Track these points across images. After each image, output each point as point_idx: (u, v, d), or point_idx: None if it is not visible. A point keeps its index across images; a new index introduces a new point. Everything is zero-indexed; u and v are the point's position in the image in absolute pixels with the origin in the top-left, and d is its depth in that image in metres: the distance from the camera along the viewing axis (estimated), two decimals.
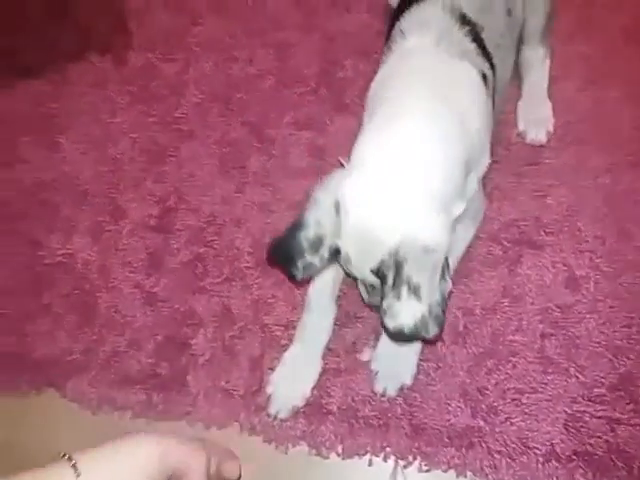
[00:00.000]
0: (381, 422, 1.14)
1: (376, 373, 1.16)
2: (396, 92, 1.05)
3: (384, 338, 1.15)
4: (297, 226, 0.98)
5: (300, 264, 0.98)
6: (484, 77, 1.11)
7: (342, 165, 1.04)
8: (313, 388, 1.17)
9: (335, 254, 0.99)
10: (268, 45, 1.55)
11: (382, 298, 0.95)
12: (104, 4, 1.66)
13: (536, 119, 1.36)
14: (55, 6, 1.67)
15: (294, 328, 1.22)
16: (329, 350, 1.20)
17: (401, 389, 1.15)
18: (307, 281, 1.16)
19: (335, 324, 1.21)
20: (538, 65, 1.40)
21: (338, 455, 1.14)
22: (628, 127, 1.36)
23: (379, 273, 0.95)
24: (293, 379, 1.18)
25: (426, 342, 1.04)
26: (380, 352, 1.16)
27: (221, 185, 1.41)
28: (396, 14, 1.22)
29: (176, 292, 1.31)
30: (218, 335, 1.25)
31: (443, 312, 0.93)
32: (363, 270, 0.98)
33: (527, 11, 1.32)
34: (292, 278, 1.03)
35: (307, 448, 1.15)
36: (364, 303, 1.15)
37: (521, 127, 1.37)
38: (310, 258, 0.97)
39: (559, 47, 1.43)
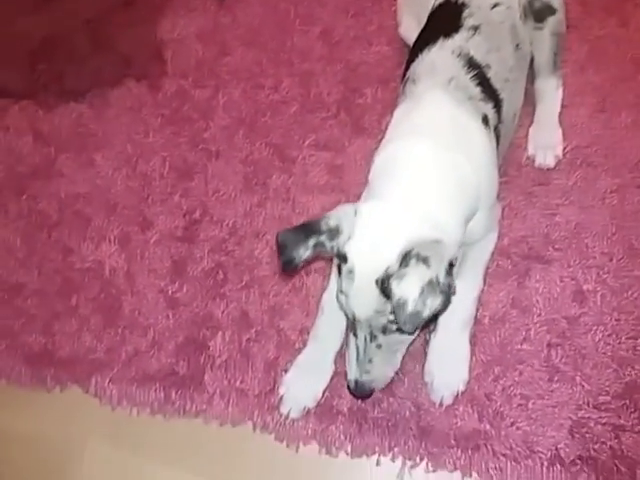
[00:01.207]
0: (390, 423, 1.17)
1: (431, 384, 1.18)
2: (408, 136, 1.12)
3: (433, 349, 1.19)
4: (320, 216, 1.03)
5: (312, 241, 1.00)
6: (486, 119, 1.18)
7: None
8: (325, 390, 1.21)
9: (341, 259, 1.01)
10: (293, 74, 1.65)
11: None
12: (142, 36, 1.78)
13: (545, 144, 1.42)
14: (99, 38, 1.80)
15: (308, 333, 1.27)
16: (341, 356, 1.24)
17: (456, 396, 1.17)
18: (298, 269, 1.13)
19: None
20: (550, 94, 1.46)
21: (347, 454, 1.17)
22: (637, 151, 1.41)
23: (384, 284, 0.96)
24: (305, 381, 1.22)
25: (427, 324, 1.03)
26: (431, 364, 1.18)
27: (244, 200, 1.49)
28: (411, 56, 1.31)
29: (197, 297, 1.37)
30: (235, 338, 1.31)
31: (449, 291, 0.93)
32: (367, 288, 0.99)
33: (533, 48, 1.40)
34: (289, 261, 1.01)
35: (317, 447, 1.19)
36: (350, 388, 1.11)
37: (530, 151, 1.43)
38: (324, 239, 1.01)
39: (571, 77, 1.51)
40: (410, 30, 1.49)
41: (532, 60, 1.42)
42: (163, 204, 1.51)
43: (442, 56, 1.22)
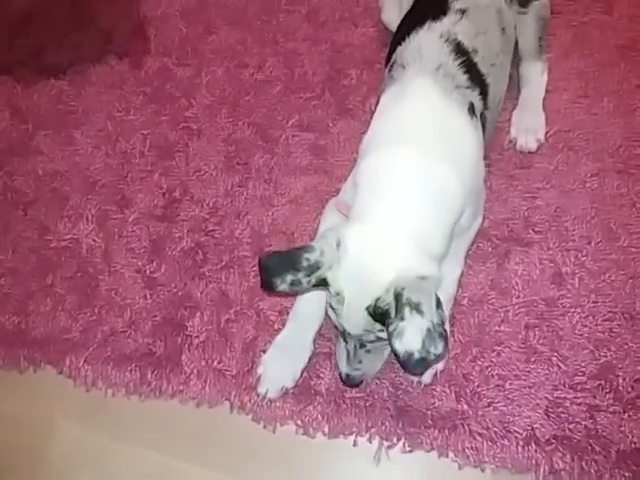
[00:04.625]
0: (367, 404, 1.17)
1: None
2: (393, 144, 1.10)
3: None
4: (304, 247, 1.02)
5: (290, 277, 0.99)
6: (472, 108, 1.17)
7: (345, 215, 1.13)
8: (303, 370, 1.20)
9: (321, 284, 1.01)
10: (278, 54, 1.63)
11: (389, 334, 0.94)
12: (125, 11, 1.75)
13: (528, 127, 1.42)
14: (80, 13, 1.75)
15: (287, 314, 1.25)
16: (321, 336, 1.24)
17: (435, 375, 1.18)
18: (274, 293, 1.14)
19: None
20: (535, 78, 1.46)
21: (324, 435, 1.17)
22: (618, 137, 1.41)
23: (375, 311, 0.97)
24: (283, 361, 1.21)
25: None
26: None
27: (225, 179, 1.47)
28: (396, 39, 1.29)
29: (176, 277, 1.36)
30: (214, 318, 1.30)
31: (445, 332, 0.95)
32: (357, 312, 1.00)
33: (518, 32, 1.40)
34: (268, 286, 1.01)
35: (294, 427, 1.18)
36: (342, 379, 1.14)
37: (513, 134, 1.43)
38: (301, 277, 0.99)
39: (556, 62, 1.51)
40: (392, 15, 1.49)
41: (517, 44, 1.42)
42: (142, 183, 1.49)
43: (430, 41, 1.20)
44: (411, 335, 0.92)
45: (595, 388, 1.14)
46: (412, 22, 1.27)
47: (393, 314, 0.94)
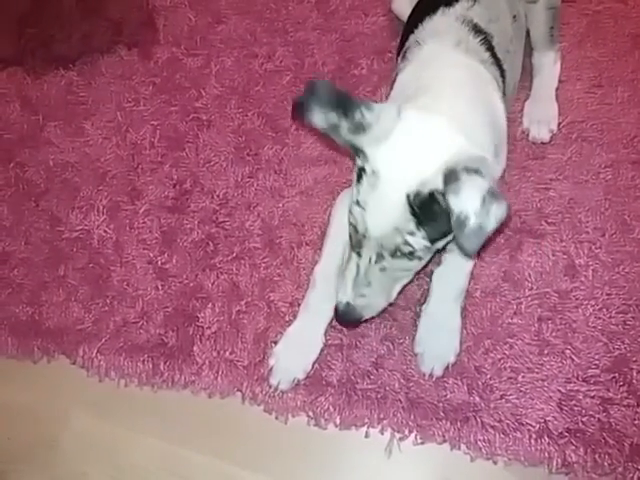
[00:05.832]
0: (379, 395, 1.17)
1: (421, 355, 1.18)
2: (427, 83, 1.07)
3: (424, 321, 1.18)
4: (364, 101, 0.93)
5: (334, 118, 0.90)
6: (497, 83, 1.16)
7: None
8: (314, 362, 1.21)
9: (355, 152, 0.93)
10: (288, 43, 1.62)
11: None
12: (134, 2, 1.74)
13: (540, 118, 1.41)
14: (89, 2, 1.76)
15: (299, 305, 1.26)
16: (332, 327, 1.24)
17: (447, 368, 1.17)
18: (303, 123, 0.99)
19: None
20: (548, 68, 1.45)
21: (336, 426, 1.17)
22: (633, 127, 1.40)
23: (416, 199, 0.88)
24: (295, 352, 1.21)
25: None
26: (422, 335, 1.18)
27: (235, 170, 1.47)
28: (408, 28, 1.28)
29: (187, 268, 1.36)
30: (225, 309, 1.30)
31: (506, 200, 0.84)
32: (393, 198, 0.89)
33: (528, 22, 1.39)
34: (306, 108, 0.92)
35: (306, 419, 1.18)
36: (338, 313, 1.07)
37: (525, 124, 1.42)
38: (344, 126, 0.91)
39: (570, 51, 1.50)
40: (403, 5, 1.48)
41: (529, 34, 1.41)
42: (153, 174, 1.49)
43: (446, 22, 1.19)
44: (469, 191, 0.82)
45: (609, 381, 1.14)
46: (424, 10, 1.25)
47: (438, 184, 0.85)
